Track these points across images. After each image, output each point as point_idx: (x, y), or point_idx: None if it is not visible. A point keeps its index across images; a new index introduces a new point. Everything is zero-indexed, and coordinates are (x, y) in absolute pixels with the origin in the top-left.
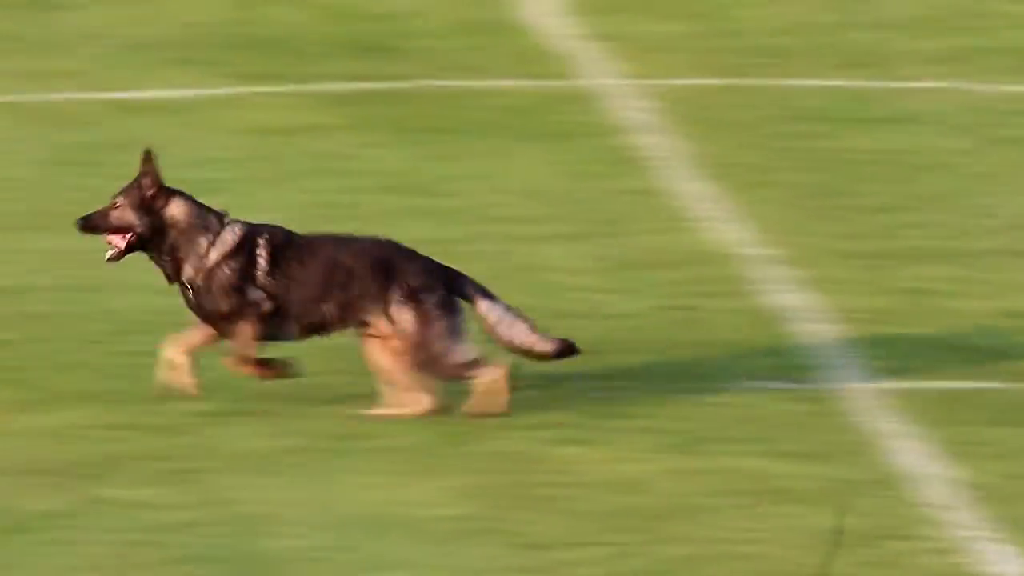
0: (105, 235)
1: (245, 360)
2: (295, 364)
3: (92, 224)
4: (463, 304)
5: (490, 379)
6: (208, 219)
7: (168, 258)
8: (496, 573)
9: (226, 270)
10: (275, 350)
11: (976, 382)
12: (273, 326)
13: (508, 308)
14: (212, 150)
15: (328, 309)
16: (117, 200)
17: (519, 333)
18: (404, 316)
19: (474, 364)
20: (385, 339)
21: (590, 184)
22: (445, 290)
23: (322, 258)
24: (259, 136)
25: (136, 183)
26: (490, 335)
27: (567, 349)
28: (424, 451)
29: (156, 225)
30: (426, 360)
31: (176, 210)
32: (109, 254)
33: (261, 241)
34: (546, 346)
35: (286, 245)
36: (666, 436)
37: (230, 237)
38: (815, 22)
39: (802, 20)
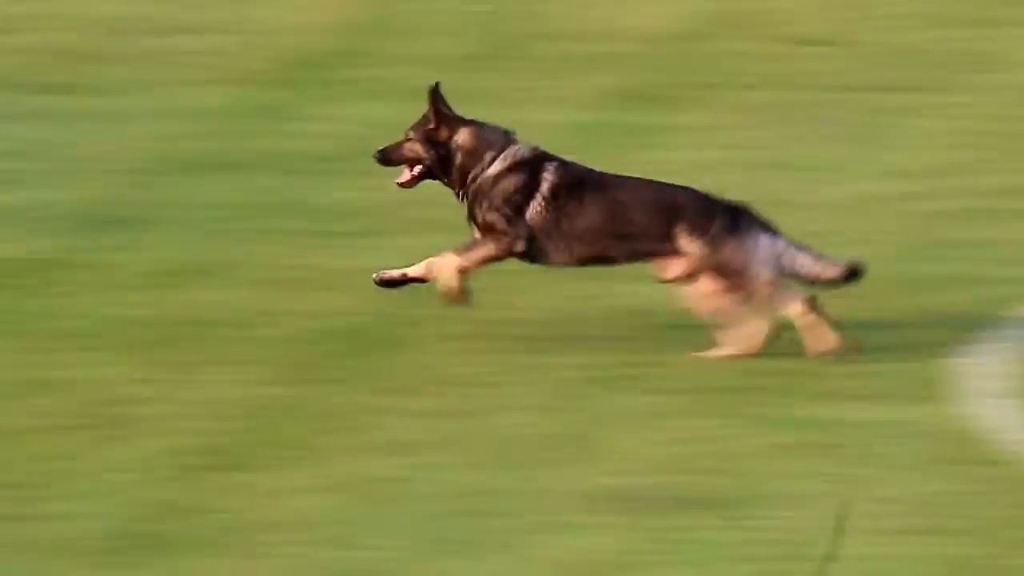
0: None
1: (456, 277)
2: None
3: (387, 157)
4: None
5: (797, 311)
6: (494, 137)
7: (456, 179)
8: None
9: (503, 184)
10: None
11: None
12: (539, 251)
13: (790, 241)
14: None
15: (607, 244)
16: (408, 134)
17: (804, 263)
18: (694, 245)
19: (775, 285)
20: (689, 275)
21: None
22: (730, 218)
23: (604, 196)
24: None
25: (423, 118)
26: (775, 266)
27: (853, 271)
28: None
29: (442, 154)
30: (729, 280)
31: (461, 138)
32: (401, 180)
33: (549, 166)
34: (833, 271)
35: (574, 175)
36: None
37: (514, 154)
38: None
39: None
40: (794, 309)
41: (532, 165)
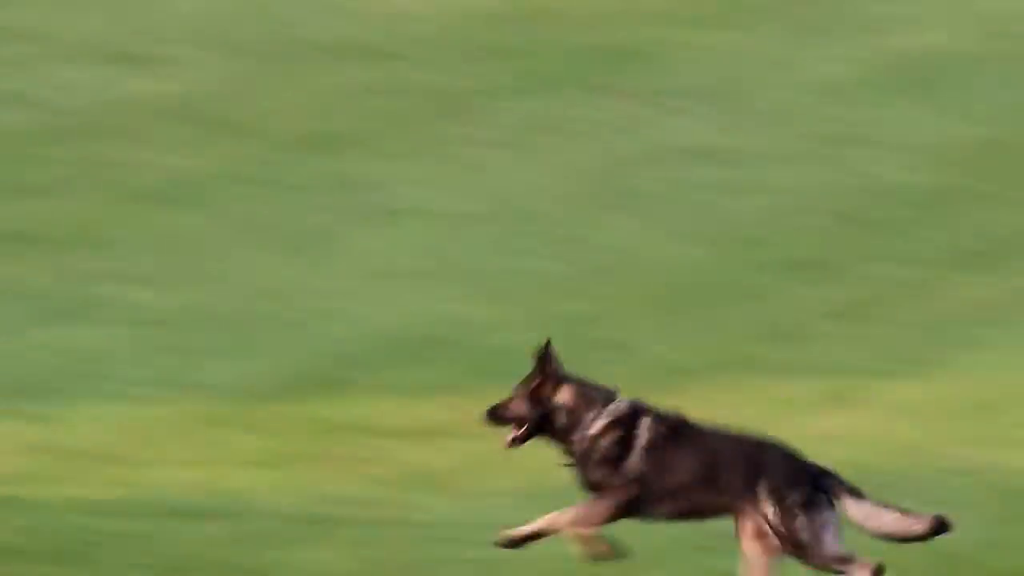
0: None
1: (585, 534)
2: (623, 549)
3: (495, 416)
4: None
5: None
6: (594, 395)
7: (560, 439)
8: None
9: (604, 442)
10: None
11: None
12: (640, 506)
13: (875, 502)
14: None
15: (697, 497)
16: (515, 391)
17: (889, 522)
18: (769, 510)
19: (843, 559)
20: (758, 530)
21: None
22: (811, 487)
23: (697, 446)
24: None
25: (528, 376)
26: (862, 529)
27: (940, 526)
28: None
29: (545, 412)
30: (794, 551)
31: (564, 396)
32: (508, 439)
33: (645, 419)
34: (919, 527)
35: (669, 427)
36: None
37: (613, 410)
38: None
39: None
40: (861, 572)
41: (630, 420)
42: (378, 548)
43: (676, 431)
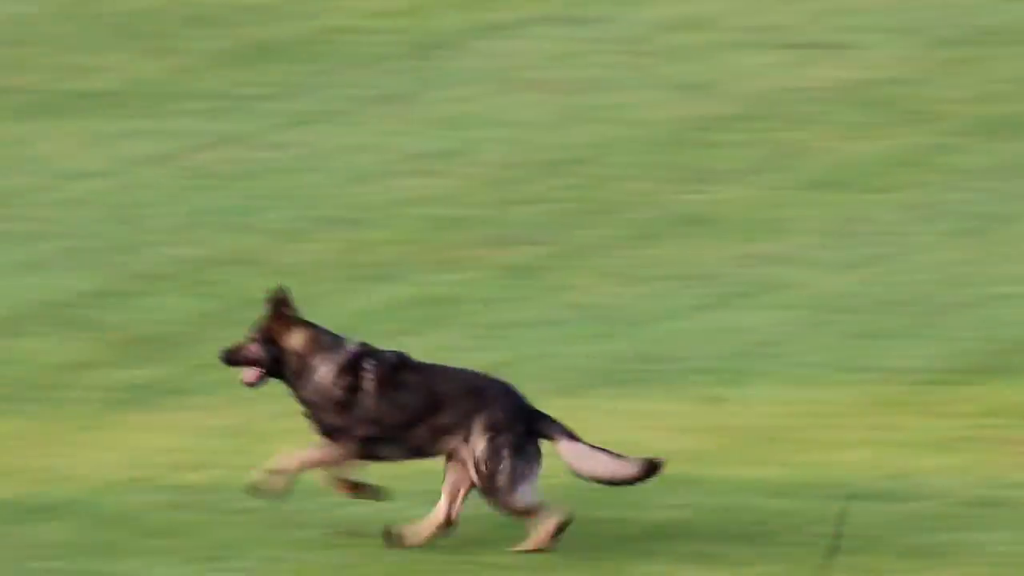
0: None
1: (338, 479)
2: (382, 490)
3: (230, 358)
4: (542, 444)
5: (545, 525)
6: (324, 340)
7: (291, 384)
8: None
9: (336, 389)
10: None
11: None
12: (374, 447)
13: (590, 445)
14: None
15: (423, 433)
16: (250, 333)
17: (603, 464)
18: (479, 445)
19: (528, 511)
20: (464, 462)
21: None
22: (525, 430)
23: (421, 384)
24: None
25: (262, 319)
26: (577, 472)
27: (651, 468)
28: None
29: (277, 356)
30: (487, 491)
31: (294, 341)
32: (244, 380)
33: (370, 362)
34: (632, 469)
35: (393, 368)
36: None
37: (342, 357)
38: None
39: None
40: (547, 523)
41: (356, 364)
42: None
43: (400, 371)
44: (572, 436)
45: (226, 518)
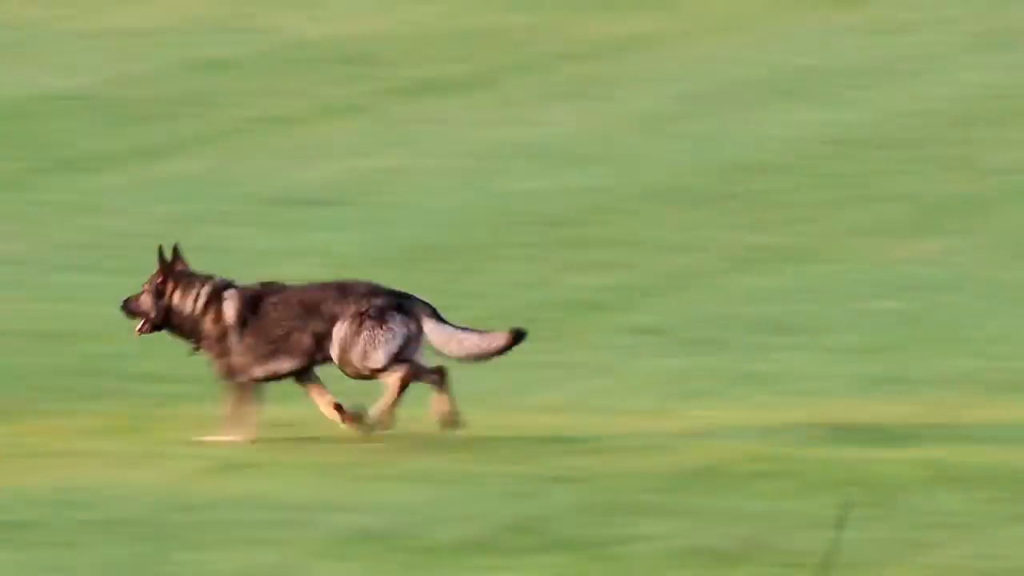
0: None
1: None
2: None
3: (126, 309)
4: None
5: (391, 383)
6: (196, 283)
7: (179, 332)
8: None
9: (206, 323)
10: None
11: None
12: (271, 364)
13: (456, 325)
14: None
15: (303, 340)
16: (143, 287)
17: (472, 343)
18: (345, 322)
19: (382, 371)
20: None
21: None
22: (389, 305)
23: (289, 300)
24: None
25: (154, 273)
26: (446, 352)
27: (518, 336)
28: None
29: (165, 307)
30: (342, 357)
31: (176, 296)
32: (136, 330)
33: (227, 295)
34: (500, 341)
35: (255, 296)
36: None
37: (203, 294)
38: None
39: None
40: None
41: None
42: None
43: (259, 296)
44: (439, 317)
45: None
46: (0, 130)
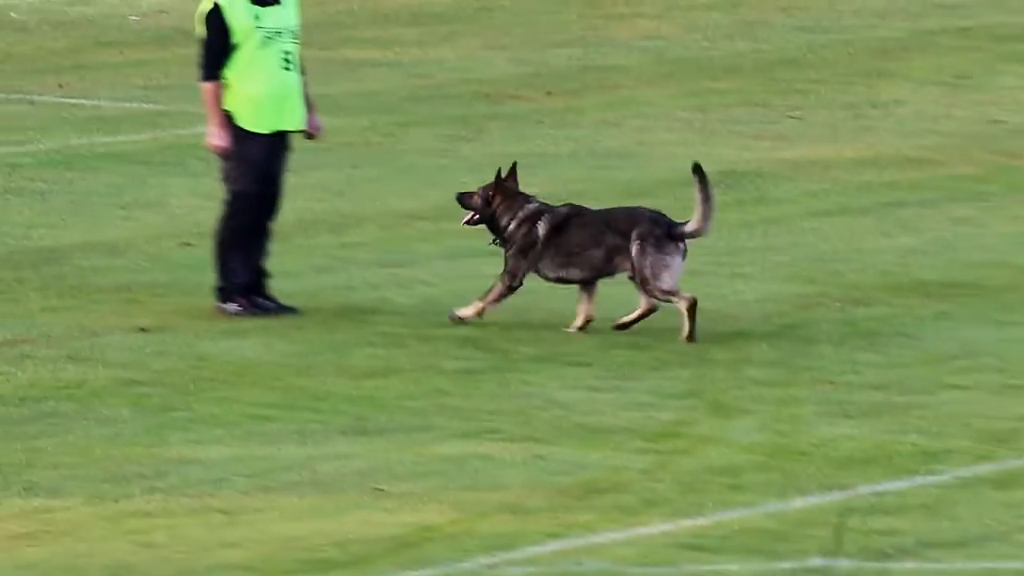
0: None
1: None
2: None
3: (461, 201)
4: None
5: (682, 307)
6: (517, 201)
7: (495, 231)
8: None
9: (518, 236)
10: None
11: None
12: (559, 268)
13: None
14: None
15: (597, 256)
16: (478, 190)
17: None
18: (634, 248)
19: (669, 293)
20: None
21: None
22: (665, 234)
23: (588, 224)
24: None
25: (489, 183)
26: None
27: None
28: None
29: (490, 210)
30: (639, 281)
31: (502, 204)
32: (463, 221)
33: (544, 217)
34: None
35: (565, 218)
36: None
37: (522, 213)
38: None
39: None
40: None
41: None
42: None
43: (568, 218)
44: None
45: None
46: None
